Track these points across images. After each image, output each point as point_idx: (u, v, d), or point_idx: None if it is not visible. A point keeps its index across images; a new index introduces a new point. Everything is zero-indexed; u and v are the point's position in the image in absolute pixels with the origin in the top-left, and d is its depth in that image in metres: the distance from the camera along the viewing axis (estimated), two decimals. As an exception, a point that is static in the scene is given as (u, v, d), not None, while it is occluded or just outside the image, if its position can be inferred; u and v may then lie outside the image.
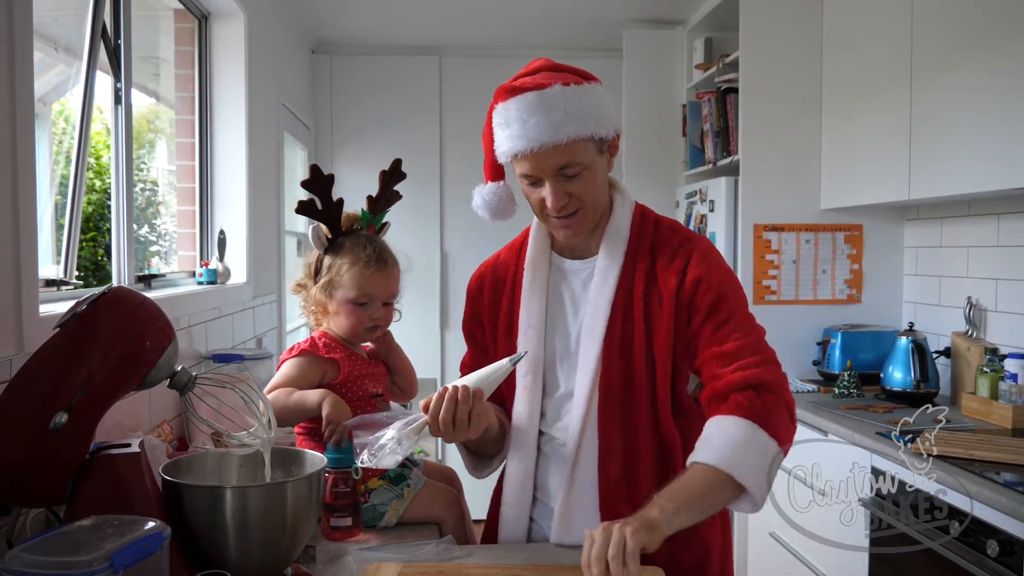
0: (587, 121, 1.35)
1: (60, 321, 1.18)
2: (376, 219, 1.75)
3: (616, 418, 1.42)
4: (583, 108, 1.35)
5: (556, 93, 1.35)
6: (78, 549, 0.94)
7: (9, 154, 1.39)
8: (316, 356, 1.66)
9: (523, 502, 1.50)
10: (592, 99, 1.37)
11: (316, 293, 1.67)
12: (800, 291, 3.37)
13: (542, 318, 1.49)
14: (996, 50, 2.31)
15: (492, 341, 1.55)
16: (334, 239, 1.68)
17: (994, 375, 2.53)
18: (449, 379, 4.60)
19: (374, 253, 1.67)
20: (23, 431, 1.12)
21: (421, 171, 4.57)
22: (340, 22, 4.23)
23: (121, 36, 2.24)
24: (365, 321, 1.67)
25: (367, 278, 1.65)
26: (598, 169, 1.42)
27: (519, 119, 1.35)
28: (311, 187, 1.64)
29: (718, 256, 1.47)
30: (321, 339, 1.69)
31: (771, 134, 3.33)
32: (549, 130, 1.34)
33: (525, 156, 1.37)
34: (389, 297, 1.71)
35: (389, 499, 1.60)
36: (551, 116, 1.34)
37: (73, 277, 1.97)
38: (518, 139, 1.36)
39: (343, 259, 1.66)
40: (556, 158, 1.36)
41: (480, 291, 1.58)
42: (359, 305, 1.66)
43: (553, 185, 1.38)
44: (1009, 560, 1.77)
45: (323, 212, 1.65)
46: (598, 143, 1.39)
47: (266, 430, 1.29)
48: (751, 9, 3.34)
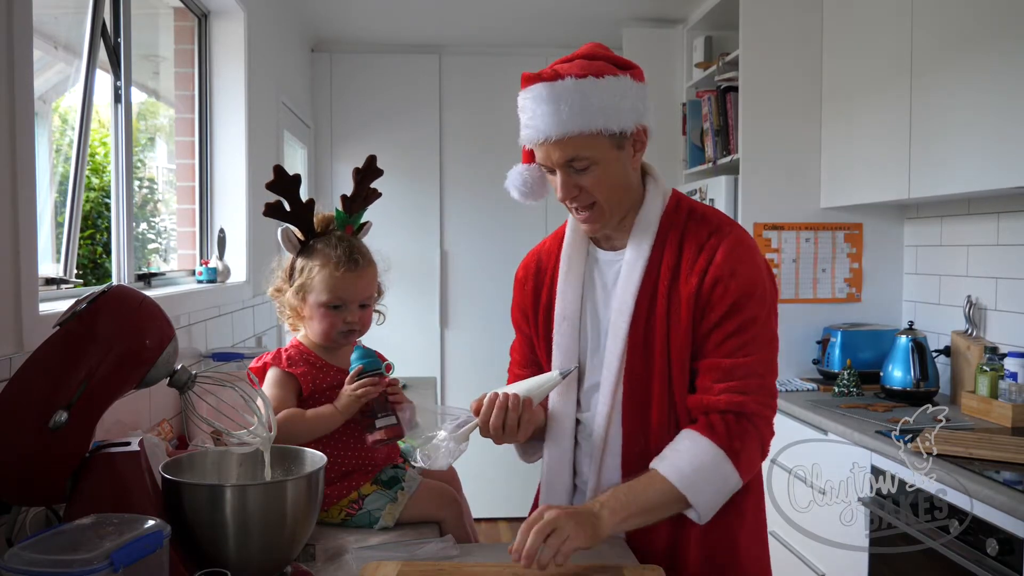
0: (596, 116, 1.33)
1: (60, 320, 1.18)
2: (353, 219, 1.69)
3: (638, 413, 1.43)
4: (593, 103, 1.33)
5: (565, 86, 1.34)
6: (78, 547, 0.94)
7: (9, 152, 1.38)
8: (282, 370, 1.61)
9: (562, 489, 1.51)
10: (609, 93, 1.34)
11: (290, 298, 1.62)
12: (800, 290, 3.37)
13: (576, 309, 1.48)
14: (996, 50, 2.31)
15: (534, 330, 1.55)
16: (307, 241, 1.63)
17: (994, 374, 2.53)
18: (449, 378, 4.64)
19: (345, 254, 1.60)
20: (23, 429, 1.11)
21: (420, 169, 4.57)
22: (340, 20, 4.22)
23: (121, 34, 2.24)
24: (339, 325, 1.61)
25: (338, 280, 1.59)
26: (613, 164, 1.39)
27: (530, 108, 1.37)
28: (275, 188, 1.59)
29: (747, 250, 1.41)
30: (287, 351, 1.63)
31: (771, 133, 3.33)
32: (555, 123, 1.34)
33: (537, 145, 1.39)
34: (364, 299, 1.64)
35: (383, 504, 1.59)
36: (558, 108, 1.33)
37: (73, 275, 1.97)
38: (528, 128, 1.39)
39: (314, 261, 1.60)
40: (562, 151, 1.36)
41: (524, 280, 1.59)
42: (333, 308, 1.60)
43: (561, 176, 1.39)
44: (1009, 559, 1.77)
45: (292, 214, 1.60)
46: (613, 138, 1.37)
47: (265, 428, 1.29)
48: (751, 8, 3.34)
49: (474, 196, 4.62)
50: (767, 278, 1.43)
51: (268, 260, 1.80)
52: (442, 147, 4.65)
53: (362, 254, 1.65)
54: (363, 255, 1.65)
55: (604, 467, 1.45)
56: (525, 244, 1.79)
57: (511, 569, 1.28)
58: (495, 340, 4.36)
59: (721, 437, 1.34)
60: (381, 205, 1.68)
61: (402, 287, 4.52)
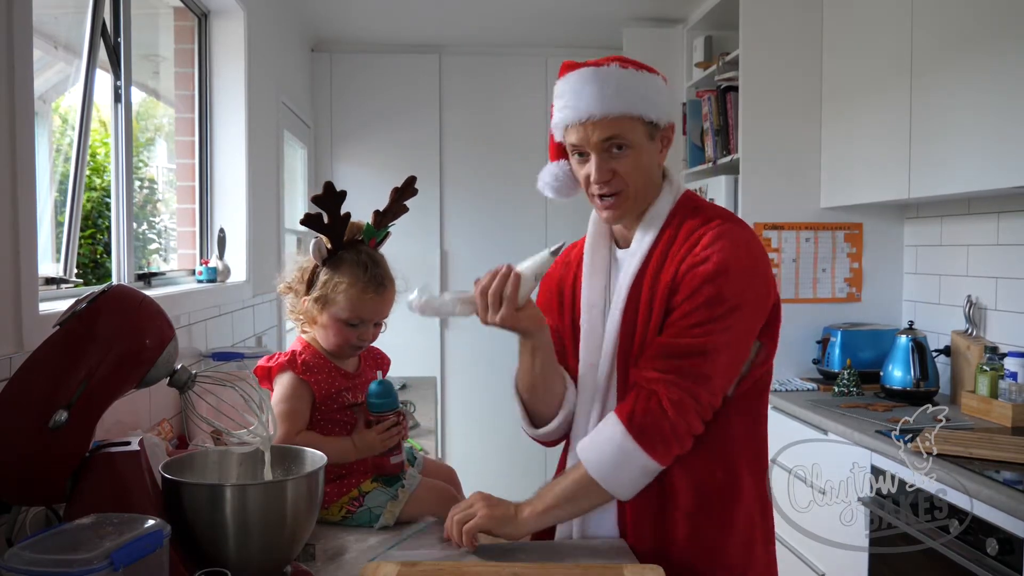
0: (638, 101, 1.40)
1: (60, 319, 1.17)
2: (379, 232, 1.71)
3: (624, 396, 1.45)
4: (636, 89, 1.40)
5: (612, 71, 1.41)
6: (78, 547, 0.94)
7: (9, 152, 1.38)
8: (299, 377, 1.61)
9: None
10: (648, 85, 1.42)
11: (308, 304, 1.62)
12: (800, 289, 3.37)
13: (602, 299, 1.51)
14: (996, 50, 2.31)
15: (560, 319, 1.58)
16: (334, 251, 1.64)
17: (994, 373, 2.53)
18: (449, 378, 4.65)
19: (374, 277, 1.61)
20: (23, 429, 1.11)
21: (421, 169, 4.52)
22: (340, 20, 4.22)
23: (121, 34, 2.24)
24: (353, 340, 1.63)
25: (363, 302, 1.60)
26: (645, 153, 1.43)
27: (573, 91, 1.41)
28: (322, 203, 1.60)
29: (731, 243, 1.38)
30: (301, 356, 1.63)
31: (771, 132, 3.33)
32: (599, 102, 1.38)
33: (574, 127, 1.41)
34: (381, 319, 1.67)
35: (384, 501, 1.60)
36: (603, 89, 1.39)
37: (73, 275, 1.97)
38: (570, 109, 1.41)
39: (341, 277, 1.60)
40: (603, 130, 1.39)
41: (554, 272, 1.63)
42: (349, 325, 1.62)
43: (598, 158, 1.41)
44: (1009, 558, 1.77)
45: (328, 226, 1.63)
46: (648, 127, 1.42)
47: (266, 428, 1.29)
48: (751, 7, 3.34)
49: (474, 196, 4.63)
50: (751, 274, 1.39)
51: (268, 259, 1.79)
52: (442, 147, 4.65)
53: (388, 277, 1.66)
54: (388, 278, 1.66)
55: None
56: (525, 244, 1.80)
57: (511, 569, 1.28)
58: (495, 340, 4.32)
59: (628, 414, 1.37)
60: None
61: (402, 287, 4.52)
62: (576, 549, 1.44)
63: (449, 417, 4.58)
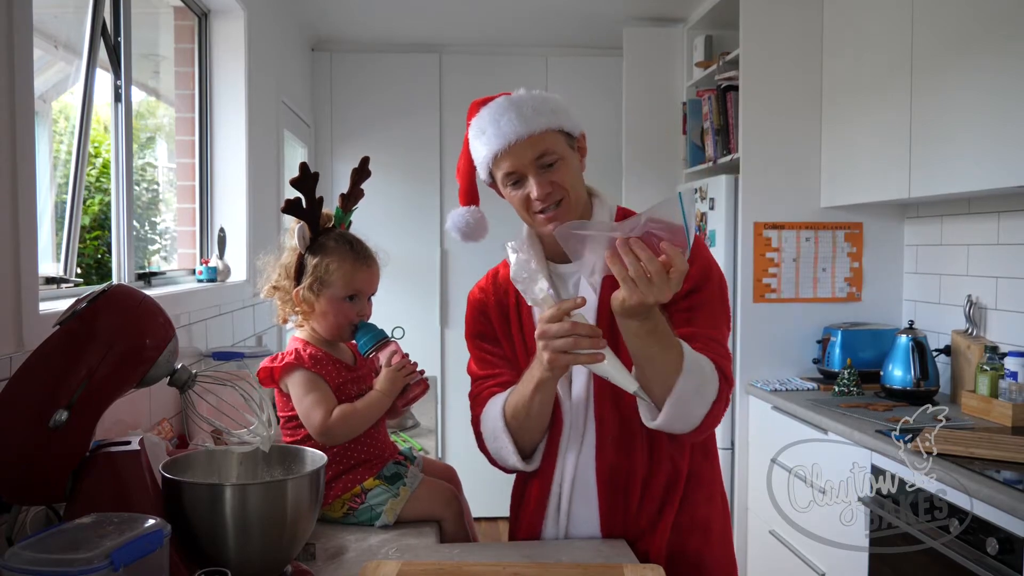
0: (555, 116, 1.46)
1: (60, 319, 1.17)
2: (346, 217, 1.79)
3: (609, 412, 1.50)
4: (549, 104, 1.48)
5: (522, 95, 1.49)
6: (78, 547, 0.94)
7: (9, 152, 1.38)
8: (311, 371, 1.64)
9: None
10: (556, 101, 1.50)
11: (304, 293, 1.66)
12: (800, 289, 3.37)
13: None
14: (996, 50, 2.31)
15: (512, 354, 1.64)
16: (314, 238, 1.69)
17: (994, 373, 2.53)
18: (449, 378, 4.64)
19: (361, 251, 1.70)
20: (23, 429, 1.11)
21: (421, 168, 4.56)
22: (340, 20, 4.23)
23: (121, 33, 2.24)
24: (353, 316, 1.68)
25: (357, 275, 1.67)
26: (571, 160, 1.49)
27: (492, 121, 1.48)
28: (301, 185, 1.64)
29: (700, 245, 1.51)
30: (307, 352, 1.66)
31: (771, 132, 3.33)
32: (522, 123, 1.44)
33: (504, 154, 1.46)
34: (373, 292, 1.75)
35: (385, 499, 1.60)
36: (521, 110, 1.45)
37: (73, 275, 1.97)
38: (496, 138, 1.46)
39: (329, 258, 1.66)
40: (532, 148, 1.44)
41: (485, 309, 1.69)
42: (348, 300, 1.67)
43: (535, 176, 1.46)
44: (1009, 558, 1.77)
45: (307, 211, 1.66)
46: (567, 138, 1.48)
47: (266, 427, 1.29)
48: (751, 7, 3.34)
49: (474, 196, 4.62)
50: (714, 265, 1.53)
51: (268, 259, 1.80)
52: (442, 147, 4.64)
53: (371, 252, 1.74)
54: (372, 253, 1.74)
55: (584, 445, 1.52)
56: (525, 244, 1.80)
57: (511, 569, 1.28)
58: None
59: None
60: (381, 205, 1.70)
61: (402, 287, 4.52)
62: (576, 549, 1.44)
63: (449, 417, 4.58)
